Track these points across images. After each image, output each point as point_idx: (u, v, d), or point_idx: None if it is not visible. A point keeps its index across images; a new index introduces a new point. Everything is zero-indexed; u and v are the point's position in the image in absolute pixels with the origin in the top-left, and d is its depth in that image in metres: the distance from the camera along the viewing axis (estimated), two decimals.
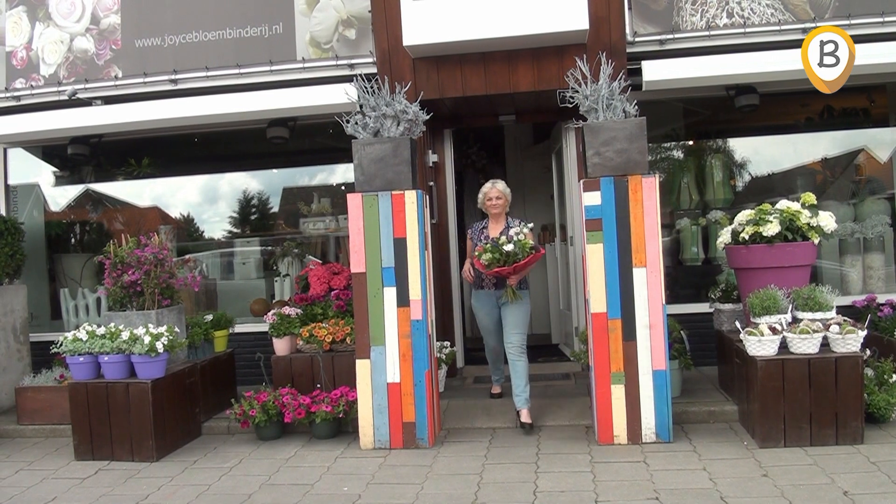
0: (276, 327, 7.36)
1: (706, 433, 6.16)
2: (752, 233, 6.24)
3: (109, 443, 6.51)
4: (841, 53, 6.45)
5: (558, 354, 9.27)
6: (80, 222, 10.23)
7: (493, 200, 6.71)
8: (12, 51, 8.81)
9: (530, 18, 6.86)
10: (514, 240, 6.31)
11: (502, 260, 6.27)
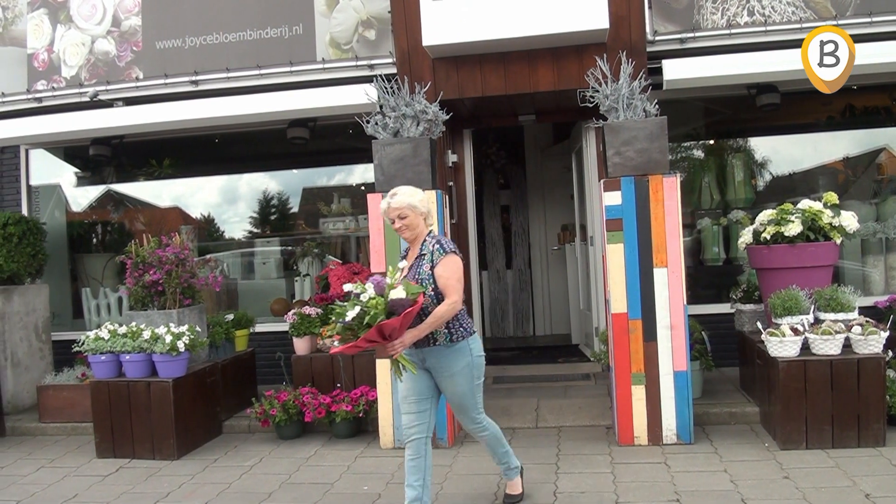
0: (296, 327, 7.39)
1: (727, 435, 6.13)
2: (774, 233, 6.20)
3: (131, 441, 6.56)
4: (841, 53, 6.41)
5: (578, 355, 9.24)
6: (101, 222, 10.30)
7: (394, 223, 4.57)
8: (34, 53, 8.88)
9: (550, 18, 6.83)
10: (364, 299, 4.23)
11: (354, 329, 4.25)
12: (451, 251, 4.45)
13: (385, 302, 4.15)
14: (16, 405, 8.15)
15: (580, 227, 9.27)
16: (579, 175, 8.98)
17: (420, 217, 4.58)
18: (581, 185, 8.90)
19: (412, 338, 4.31)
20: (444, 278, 4.38)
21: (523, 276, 11.34)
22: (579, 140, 8.69)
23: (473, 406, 4.64)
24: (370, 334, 4.09)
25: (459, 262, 4.47)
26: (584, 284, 9.23)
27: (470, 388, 4.56)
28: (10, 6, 8.99)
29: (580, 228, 9.28)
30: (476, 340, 4.58)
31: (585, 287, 9.15)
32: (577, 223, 9.41)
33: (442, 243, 4.48)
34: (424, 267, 4.46)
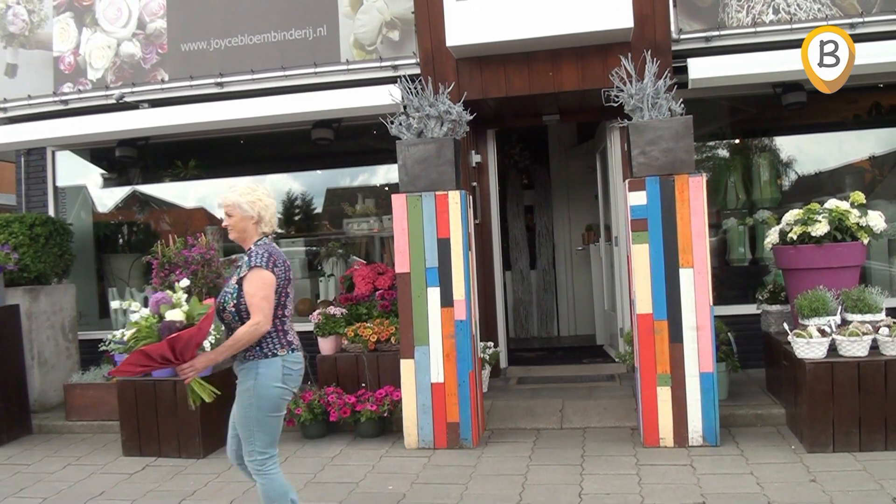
0: (321, 327, 7.43)
1: (753, 437, 6.09)
2: (801, 233, 6.15)
3: (157, 439, 6.61)
4: (841, 53, 6.37)
5: (603, 356, 9.21)
6: (127, 223, 10.39)
7: (224, 220, 4.27)
8: (60, 56, 8.97)
9: (574, 17, 6.82)
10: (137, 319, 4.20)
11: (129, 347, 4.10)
12: (258, 265, 3.96)
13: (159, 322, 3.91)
14: (43, 403, 8.24)
15: (605, 228, 9.24)
16: (604, 175, 8.95)
17: (248, 221, 4.14)
18: (605, 185, 8.87)
19: (206, 361, 3.96)
20: (249, 295, 3.94)
21: (547, 276, 11.32)
22: (604, 140, 8.67)
23: (250, 439, 4.05)
24: (152, 353, 3.76)
25: (267, 278, 3.96)
26: (609, 285, 9.20)
27: (247, 416, 4.02)
28: (36, 10, 9.08)
29: (605, 229, 9.25)
30: (272, 366, 4.00)
31: (610, 287, 9.12)
32: (602, 223, 9.38)
33: (253, 255, 4.02)
34: (233, 279, 4.09)
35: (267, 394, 4.00)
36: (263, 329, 3.93)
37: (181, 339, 3.77)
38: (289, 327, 4.15)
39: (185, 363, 3.89)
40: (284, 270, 4.08)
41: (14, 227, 8.30)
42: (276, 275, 4.01)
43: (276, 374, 4.01)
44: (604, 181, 8.99)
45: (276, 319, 4.04)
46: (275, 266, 4.01)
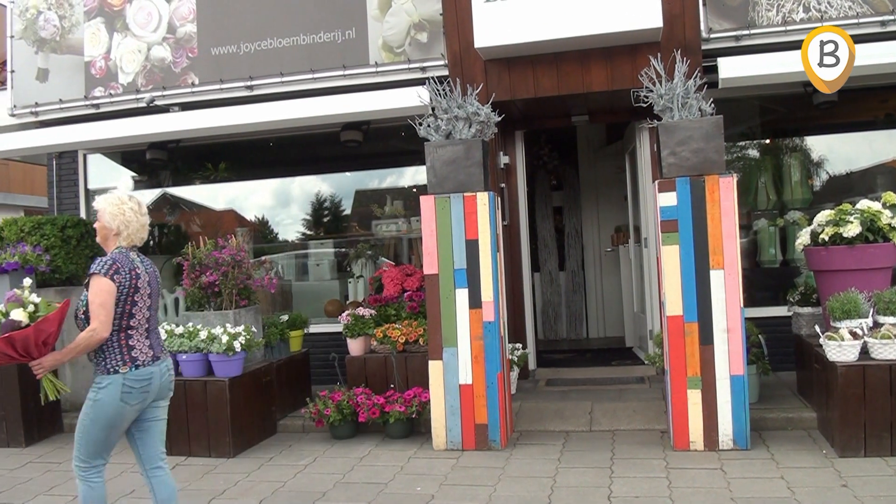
0: (350, 328, 7.45)
1: (784, 441, 6.03)
2: (832, 234, 6.08)
3: (187, 438, 6.67)
4: (841, 53, 6.30)
5: (632, 358, 9.16)
6: (157, 225, 10.49)
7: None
8: (91, 60, 9.06)
9: (603, 18, 6.80)
10: None
11: None
12: (95, 272, 4.00)
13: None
14: (74, 403, 8.31)
15: (634, 229, 9.20)
16: (633, 176, 8.90)
17: (108, 231, 4.22)
18: (635, 185, 8.83)
19: (52, 361, 4.12)
20: (89, 301, 4.02)
21: (576, 278, 11.28)
22: (633, 140, 8.62)
23: (78, 444, 4.18)
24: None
25: (104, 285, 3.98)
26: (639, 286, 9.16)
27: (82, 423, 4.14)
28: (67, 15, 9.19)
29: (634, 230, 9.21)
30: (112, 384, 4.05)
31: (639, 289, 9.08)
32: (631, 224, 9.34)
33: (96, 262, 4.06)
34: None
35: (103, 411, 4.09)
36: (99, 336, 3.98)
37: (16, 339, 3.96)
38: (136, 341, 4.15)
39: (34, 360, 4.07)
40: (130, 279, 4.08)
41: (46, 228, 8.41)
42: (117, 282, 4.02)
43: (114, 392, 4.06)
44: (633, 182, 8.95)
45: (121, 332, 4.09)
46: (115, 273, 4.02)
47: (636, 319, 9.53)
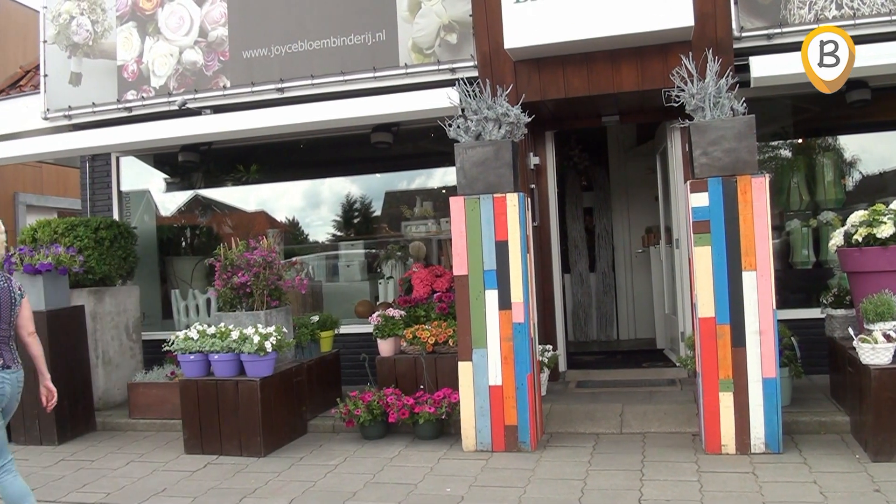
0: (380, 329, 7.48)
1: (816, 444, 5.95)
2: (866, 234, 5.99)
3: (218, 438, 6.72)
4: (841, 53, 6.23)
5: (664, 360, 9.10)
6: (189, 226, 10.59)
7: None
8: (123, 64, 9.16)
9: (634, 17, 6.76)
10: None
11: None
12: None
13: None
14: (106, 401, 8.44)
15: (665, 230, 9.14)
16: (664, 176, 8.84)
17: None
18: (666, 186, 8.76)
19: None
20: None
21: (607, 279, 11.24)
22: (664, 140, 8.57)
23: None
24: None
25: None
26: (670, 288, 9.11)
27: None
28: (99, 20, 9.29)
29: (665, 231, 9.15)
30: None
31: (671, 290, 9.02)
32: (662, 225, 9.27)
33: None
34: None
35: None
36: None
37: None
38: None
39: None
40: None
41: (79, 230, 8.52)
42: None
43: None
44: (664, 182, 8.88)
45: None
46: None
47: (667, 321, 9.47)
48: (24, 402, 7.33)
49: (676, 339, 8.57)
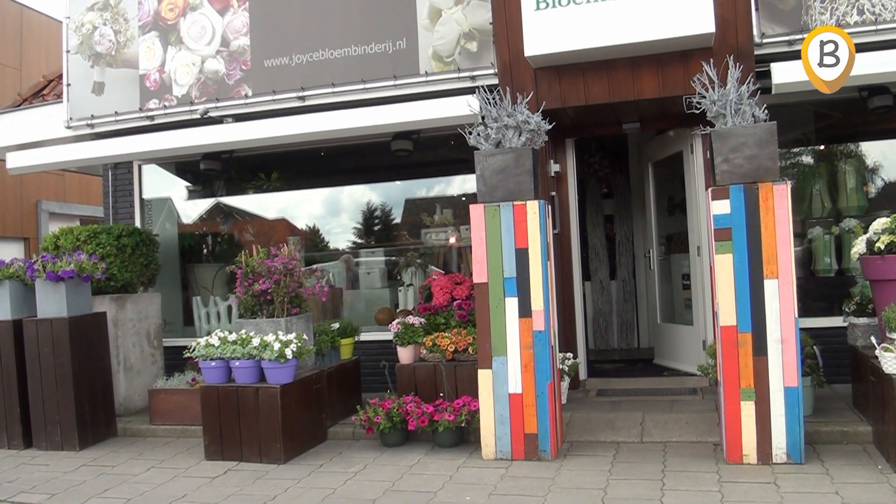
0: (400, 336, 7.49)
1: (839, 455, 5.89)
2: (888, 242, 5.95)
3: (238, 444, 6.74)
4: (841, 53, 6.19)
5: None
6: (211, 234, 10.66)
7: None
8: (146, 73, 9.24)
9: (654, 24, 6.75)
10: None
11: None
12: None
13: None
14: (127, 407, 8.50)
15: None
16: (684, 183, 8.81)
17: None
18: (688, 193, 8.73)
19: None
20: None
21: (627, 286, 11.19)
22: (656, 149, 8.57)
23: None
24: None
25: None
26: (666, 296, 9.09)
27: None
28: (122, 30, 9.38)
29: (659, 240, 9.18)
30: None
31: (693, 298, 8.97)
32: (648, 236, 9.31)
33: None
34: None
35: None
36: None
37: None
38: None
39: None
40: None
41: (102, 237, 8.59)
42: None
43: None
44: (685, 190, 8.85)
45: None
46: None
47: (659, 331, 9.44)
48: (46, 409, 7.47)
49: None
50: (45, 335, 7.47)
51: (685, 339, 8.84)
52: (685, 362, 8.79)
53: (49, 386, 7.48)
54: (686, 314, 8.97)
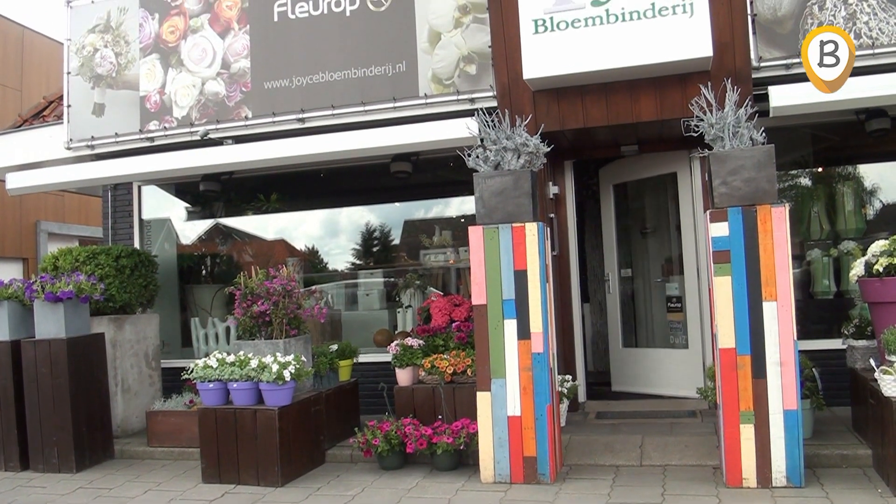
0: (398, 358, 7.47)
1: (838, 478, 5.87)
2: (887, 264, 5.95)
3: (236, 467, 6.70)
4: (841, 53, 6.24)
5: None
6: (209, 255, 10.66)
7: None
8: (146, 95, 9.28)
9: (653, 47, 6.80)
10: None
11: None
12: None
13: None
14: (125, 429, 8.46)
15: (680, 259, 9.09)
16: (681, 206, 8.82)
17: None
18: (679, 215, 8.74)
19: None
20: None
21: (627, 308, 11.15)
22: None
23: None
24: None
25: None
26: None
27: None
28: (123, 52, 9.43)
29: (680, 260, 9.11)
30: None
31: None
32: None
33: None
34: None
35: None
36: None
37: None
38: None
39: None
40: None
41: (101, 258, 8.59)
42: None
43: None
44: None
45: None
46: None
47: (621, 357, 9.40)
48: (44, 430, 7.44)
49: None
50: (43, 356, 7.45)
51: (664, 362, 8.82)
52: (666, 387, 8.75)
53: (47, 407, 7.46)
54: (673, 337, 8.92)
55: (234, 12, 8.97)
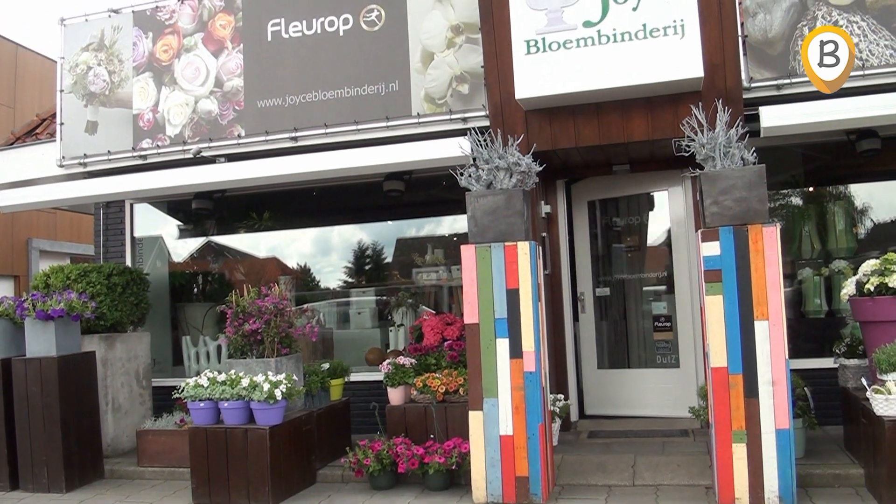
0: (390, 377, 7.45)
1: (831, 498, 5.87)
2: (878, 284, 5.98)
3: (227, 487, 6.66)
4: (841, 53, 6.31)
5: None
6: (201, 273, 10.64)
7: None
8: (139, 113, 9.29)
9: (644, 68, 6.83)
10: None
11: None
12: None
13: None
14: (115, 448, 8.41)
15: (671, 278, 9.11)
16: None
17: None
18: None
19: None
20: None
21: (619, 328, 11.15)
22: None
23: None
24: None
25: None
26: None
27: None
28: (116, 71, 9.45)
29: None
30: None
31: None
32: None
33: None
34: None
35: None
36: None
37: None
38: None
39: None
40: None
41: (92, 276, 8.57)
42: None
43: None
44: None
45: None
46: None
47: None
48: (33, 449, 7.39)
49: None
50: (33, 374, 7.41)
51: (649, 383, 8.78)
52: (645, 408, 8.69)
53: (37, 426, 7.41)
54: (661, 357, 8.89)
55: (228, 31, 9.00)
